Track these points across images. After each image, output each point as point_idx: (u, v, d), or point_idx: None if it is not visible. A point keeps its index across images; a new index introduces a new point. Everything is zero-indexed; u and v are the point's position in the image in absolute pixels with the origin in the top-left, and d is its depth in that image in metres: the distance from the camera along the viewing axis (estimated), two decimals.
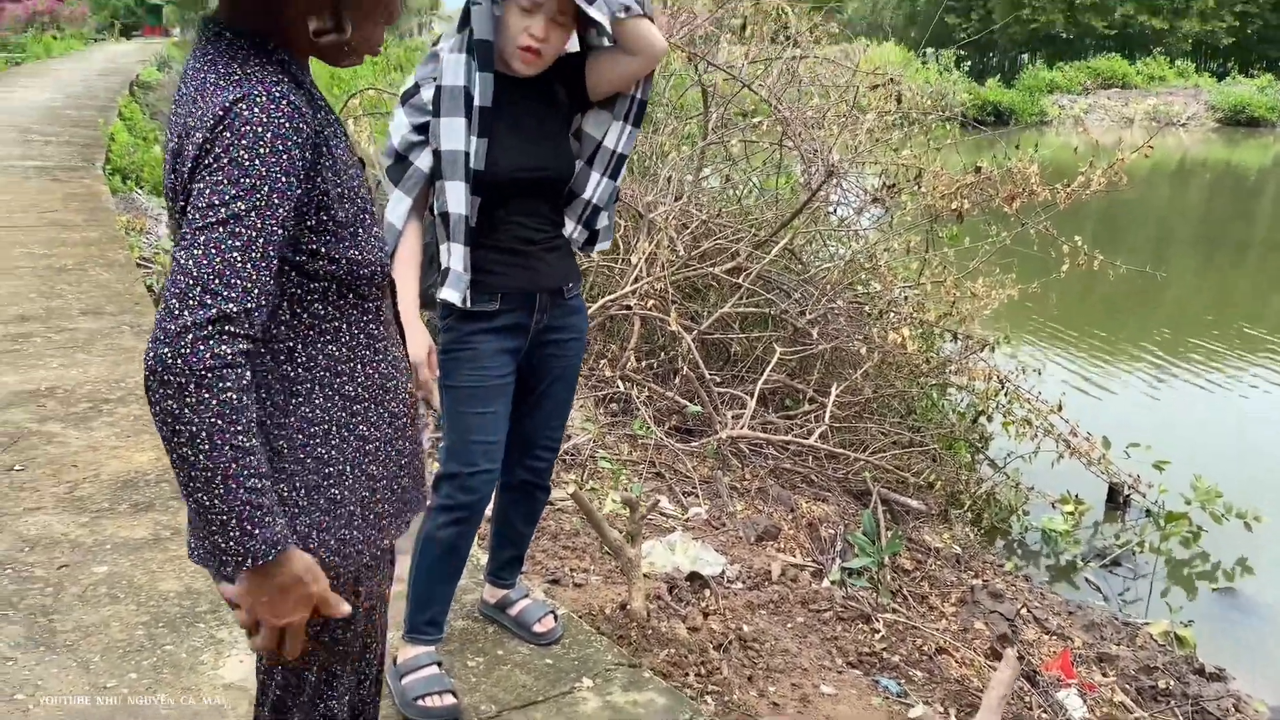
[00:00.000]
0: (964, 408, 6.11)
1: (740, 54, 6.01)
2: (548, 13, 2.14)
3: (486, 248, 2.26)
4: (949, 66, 32.94)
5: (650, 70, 2.29)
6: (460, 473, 2.32)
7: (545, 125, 2.30)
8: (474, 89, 2.16)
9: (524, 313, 2.33)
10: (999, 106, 35.13)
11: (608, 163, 2.35)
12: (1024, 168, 5.36)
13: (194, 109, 1.29)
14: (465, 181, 2.18)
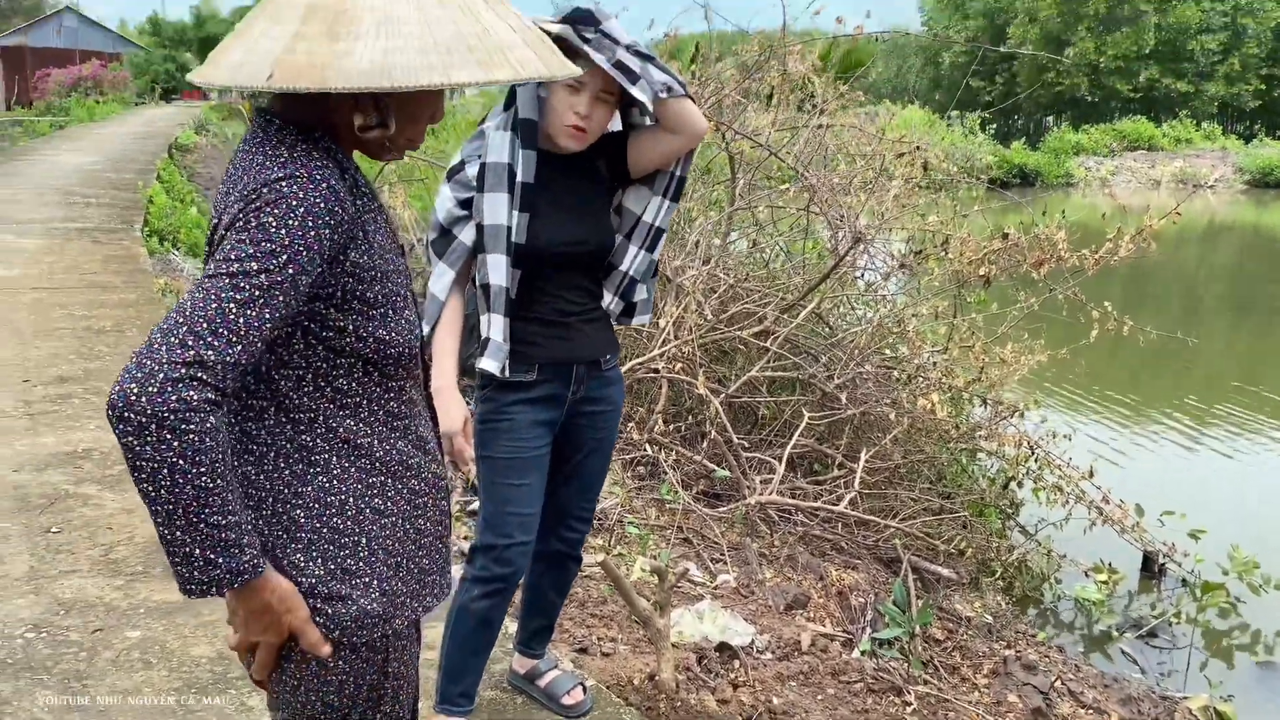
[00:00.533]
0: (994, 473, 6.06)
1: (767, 122, 6.11)
2: (593, 91, 2.20)
3: (526, 319, 2.30)
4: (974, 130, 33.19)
5: (691, 148, 2.33)
6: (496, 545, 2.33)
7: (586, 200, 2.35)
8: (517, 165, 2.22)
9: (561, 384, 2.36)
10: (1025, 169, 35.26)
11: (645, 236, 2.39)
12: (1051, 233, 5.37)
13: (238, 186, 1.35)
14: (507, 255, 2.23)
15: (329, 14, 1.30)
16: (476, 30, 1.32)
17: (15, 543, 3.42)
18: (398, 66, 1.27)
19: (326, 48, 1.28)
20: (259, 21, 1.33)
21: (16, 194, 12.43)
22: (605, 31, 2.15)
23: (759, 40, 6.52)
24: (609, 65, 2.13)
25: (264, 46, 1.30)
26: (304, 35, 1.29)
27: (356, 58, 1.27)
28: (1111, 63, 49.20)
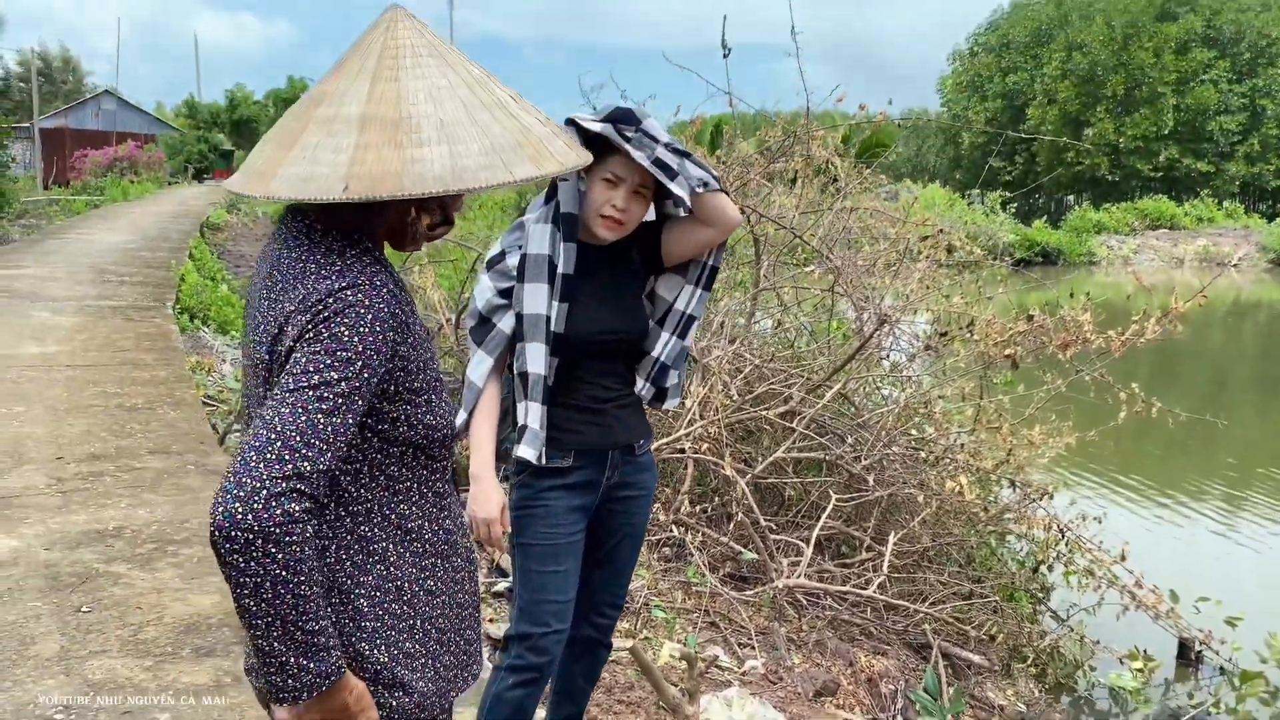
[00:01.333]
0: (1024, 556, 5.98)
1: (791, 204, 6.20)
2: (630, 186, 2.26)
3: (562, 405, 2.34)
4: (995, 208, 33.44)
5: (723, 239, 2.39)
6: (532, 634, 2.32)
7: (621, 289, 2.40)
8: (558, 258, 2.28)
9: (596, 469, 2.38)
10: (1047, 247, 35.42)
11: (678, 323, 2.44)
12: (1077, 315, 5.38)
13: (293, 295, 1.40)
14: (545, 343, 2.27)
15: (387, 124, 1.36)
16: (520, 129, 1.41)
17: (46, 622, 3.43)
18: (467, 169, 1.35)
19: (395, 155, 1.34)
20: (310, 134, 1.38)
21: (53, 272, 12.70)
22: (645, 130, 2.22)
23: (782, 125, 6.65)
24: (649, 162, 2.20)
25: (326, 158, 1.35)
26: (368, 145, 1.35)
27: (428, 163, 1.34)
28: (1131, 143, 49.69)
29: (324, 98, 1.40)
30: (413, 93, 1.37)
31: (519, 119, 1.43)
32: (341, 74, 1.41)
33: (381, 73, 1.39)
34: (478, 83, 1.43)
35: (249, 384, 1.50)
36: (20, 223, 21.78)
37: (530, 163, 1.38)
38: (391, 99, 1.37)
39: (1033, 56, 54.22)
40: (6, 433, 5.62)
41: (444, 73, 1.41)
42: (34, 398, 6.42)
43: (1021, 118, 53.13)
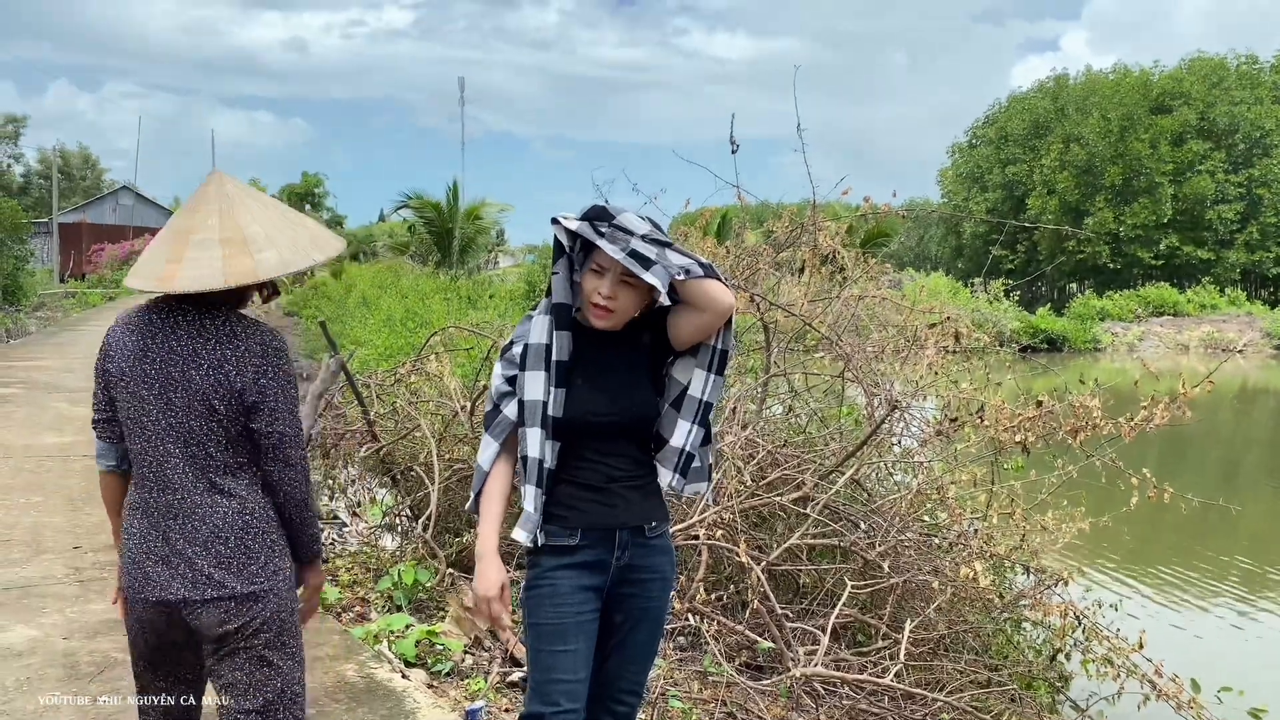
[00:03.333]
0: (1040, 644, 5.92)
1: (799, 292, 6.31)
2: (615, 275, 2.36)
3: (569, 483, 2.40)
4: (998, 296, 33.70)
5: (720, 323, 2.44)
6: (543, 713, 2.34)
7: (625, 373, 2.47)
8: (554, 345, 2.38)
9: (604, 549, 2.41)
10: (1051, 335, 35.59)
11: (695, 411, 2.49)
12: (1085, 401, 5.43)
13: (225, 353, 2.18)
14: (542, 429, 2.37)
15: (237, 242, 2.17)
16: (309, 234, 2.29)
17: (65, 714, 3.43)
18: (288, 262, 2.20)
19: (249, 259, 2.17)
20: (190, 251, 2.16)
21: (69, 363, 12.86)
22: (619, 225, 2.33)
23: (789, 216, 6.82)
24: (622, 255, 2.29)
25: (206, 263, 2.14)
26: (231, 255, 2.16)
27: (267, 261, 2.18)
28: (1131, 231, 50.26)
29: (191, 229, 2.18)
30: (245, 222, 2.20)
31: (306, 227, 2.31)
32: (194, 214, 2.21)
33: (223, 210, 2.21)
34: (277, 207, 2.30)
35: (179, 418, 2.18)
36: (37, 315, 22.10)
37: (319, 252, 2.26)
38: (234, 227, 2.19)
39: (1031, 148, 55.21)
40: (26, 522, 5.66)
41: (259, 206, 2.26)
42: (52, 487, 6.47)
43: (1022, 208, 53.88)
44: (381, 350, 12.42)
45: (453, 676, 4.40)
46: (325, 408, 6.37)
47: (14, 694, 3.59)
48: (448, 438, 6.05)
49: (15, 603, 4.47)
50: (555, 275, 2.41)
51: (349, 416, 6.65)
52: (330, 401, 6.49)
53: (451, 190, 32.09)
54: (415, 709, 3.68)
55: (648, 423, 2.49)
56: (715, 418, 5.81)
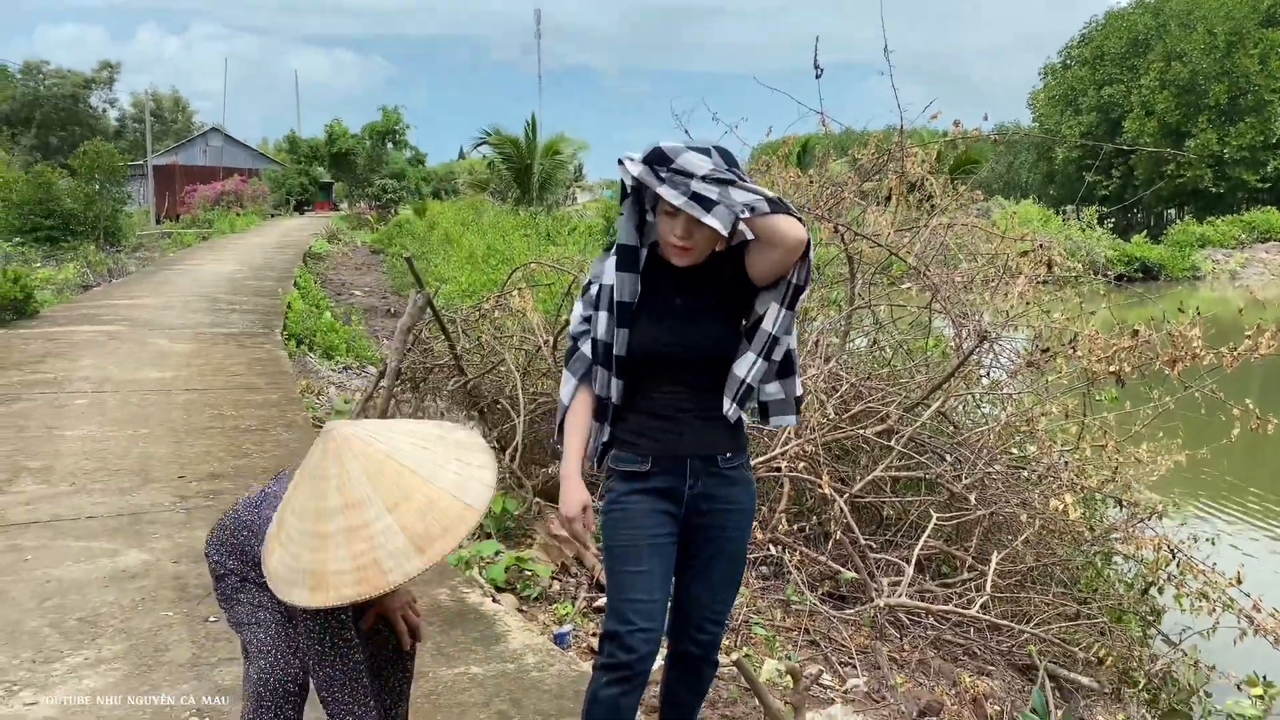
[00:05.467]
0: (1132, 578, 5.82)
1: (885, 222, 6.18)
2: (685, 216, 2.33)
3: (641, 413, 2.46)
4: (1091, 223, 32.55)
5: (794, 259, 2.38)
6: (619, 632, 2.39)
7: (695, 309, 2.46)
8: (618, 287, 2.43)
9: (675, 477, 2.45)
10: (1147, 263, 34.30)
11: (763, 344, 2.45)
12: (1185, 331, 5.24)
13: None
14: (608, 368, 2.45)
15: (281, 519, 2.13)
16: (313, 556, 1.99)
17: (178, 630, 3.62)
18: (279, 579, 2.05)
19: (271, 541, 2.14)
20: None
21: (169, 301, 13.32)
22: (678, 168, 2.29)
23: (875, 144, 6.65)
24: (682, 200, 2.27)
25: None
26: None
27: (271, 561, 2.08)
28: (1236, 153, 47.89)
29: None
30: (287, 501, 2.12)
31: (325, 554, 1.99)
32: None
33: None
34: (329, 511, 1.99)
35: None
36: (136, 255, 22.88)
37: (309, 592, 1.99)
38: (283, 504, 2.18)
39: (1129, 68, 52.71)
40: (135, 452, 5.93)
41: (306, 493, 2.06)
42: (156, 420, 6.75)
43: (1118, 131, 51.67)
44: (465, 286, 12.58)
45: (541, 601, 4.51)
46: (413, 342, 6.50)
47: (130, 613, 3.80)
48: (532, 372, 6.12)
49: (128, 528, 4.70)
50: (621, 216, 2.44)
51: (436, 351, 6.77)
52: (418, 336, 6.61)
53: (529, 126, 32.04)
54: (506, 631, 3.79)
55: (717, 358, 2.47)
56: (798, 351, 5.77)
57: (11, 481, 5.37)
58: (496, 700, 3.25)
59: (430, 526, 1.93)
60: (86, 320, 11.43)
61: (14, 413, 6.88)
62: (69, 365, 8.63)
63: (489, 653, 3.59)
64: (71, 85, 61.03)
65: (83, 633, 3.62)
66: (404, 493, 1.95)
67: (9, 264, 15.22)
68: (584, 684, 2.86)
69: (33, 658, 3.43)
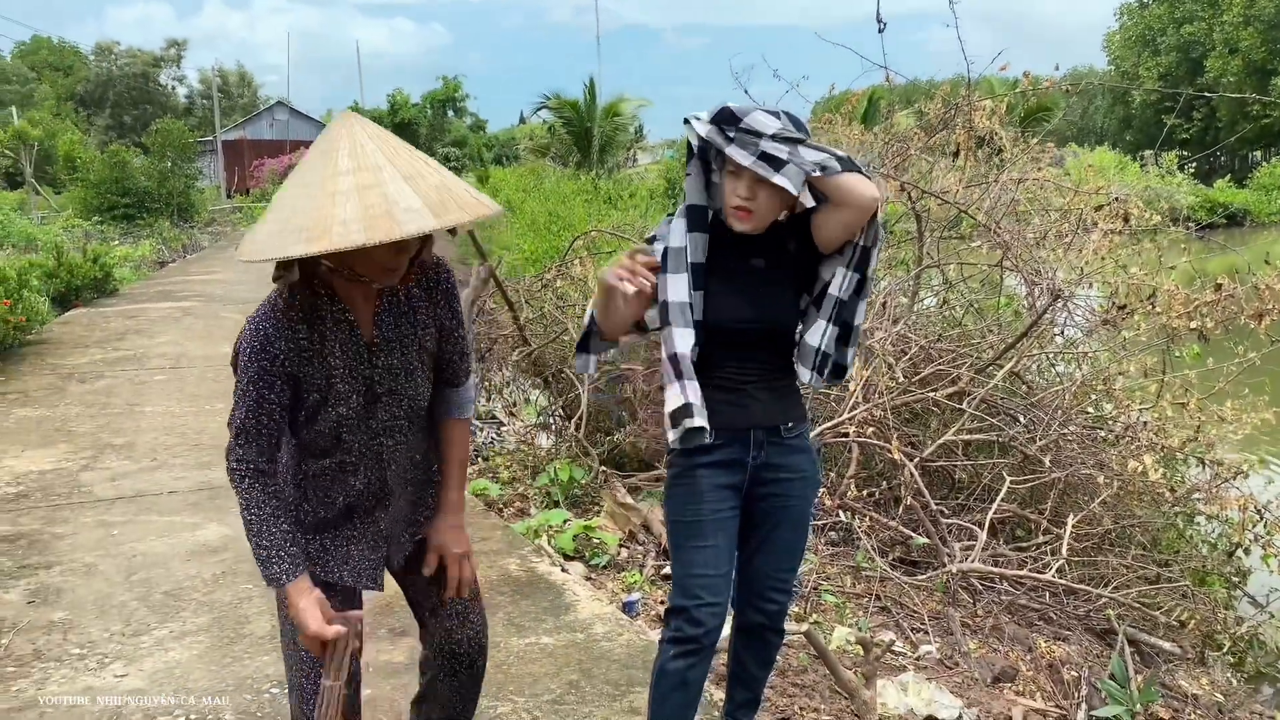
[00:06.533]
0: (1215, 539, 5.66)
1: (954, 179, 6.02)
2: (750, 176, 2.27)
3: (704, 385, 2.37)
4: (1171, 169, 31.40)
5: (864, 219, 2.33)
6: (686, 606, 2.39)
7: (765, 278, 2.41)
8: (690, 248, 2.34)
9: (740, 448, 2.41)
10: (1232, 208, 33.04)
11: (831, 309, 2.41)
12: (1271, 283, 5.03)
13: None
14: (690, 328, 2.33)
15: (272, 204, 1.88)
16: (318, 213, 1.76)
17: (258, 603, 3.72)
18: (256, 245, 1.81)
19: (253, 230, 1.90)
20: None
21: (242, 275, 13.61)
22: (746, 128, 2.23)
23: (941, 96, 6.47)
24: (751, 160, 2.21)
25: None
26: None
27: (254, 239, 1.84)
28: None
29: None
30: (288, 185, 1.89)
31: (333, 204, 1.77)
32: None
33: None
34: (340, 172, 1.80)
35: None
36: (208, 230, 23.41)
37: (305, 243, 1.74)
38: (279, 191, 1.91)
39: (1210, 4, 50.53)
40: (212, 427, 6.08)
41: (315, 163, 1.84)
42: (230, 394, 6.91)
43: (1199, 71, 49.68)
44: (528, 254, 12.63)
45: (609, 569, 4.54)
46: (478, 314, 6.54)
47: (213, 586, 3.91)
48: None
49: (208, 503, 4.83)
50: (689, 176, 2.37)
51: (500, 321, 6.81)
52: (482, 308, 6.65)
53: (589, 88, 31.86)
54: (575, 600, 3.82)
55: (786, 330, 2.44)
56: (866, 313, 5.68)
57: (98, 458, 5.55)
58: (566, 670, 3.28)
59: (446, 201, 1.83)
60: (163, 296, 11.74)
61: (98, 390, 7.11)
62: (148, 342, 8.87)
63: (558, 622, 3.63)
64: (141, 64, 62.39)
65: (168, 606, 3.74)
66: (418, 171, 1.86)
67: (89, 243, 15.69)
68: (652, 653, 2.88)
69: (122, 630, 3.55)
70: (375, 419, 2.11)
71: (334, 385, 2.04)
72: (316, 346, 2.01)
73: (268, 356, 1.97)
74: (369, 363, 2.08)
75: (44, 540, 4.39)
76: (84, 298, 11.48)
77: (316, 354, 2.01)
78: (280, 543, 1.99)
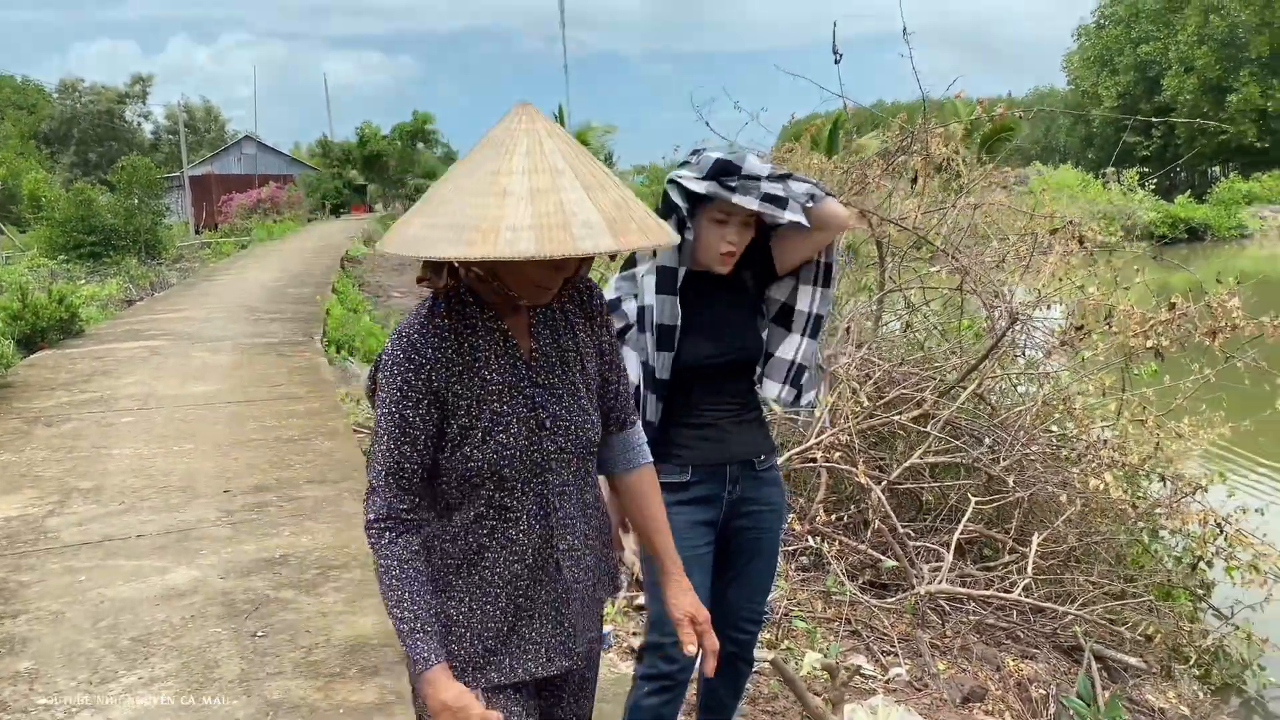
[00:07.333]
0: (1180, 553, 5.74)
1: (913, 205, 6.13)
2: (738, 221, 2.35)
3: (678, 424, 2.43)
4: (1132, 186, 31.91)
5: (834, 239, 2.47)
6: (663, 643, 2.42)
7: (730, 316, 2.48)
8: (659, 309, 2.40)
9: (716, 484, 2.45)
10: (1192, 223, 33.62)
11: (806, 323, 2.51)
12: (1223, 301, 5.15)
13: None
14: (652, 390, 2.40)
15: (427, 196, 1.65)
16: (482, 212, 1.53)
17: (227, 646, 3.71)
18: (408, 239, 1.58)
19: (404, 221, 1.63)
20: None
21: (210, 313, 13.54)
22: (747, 174, 2.31)
23: (899, 124, 6.59)
24: (760, 204, 2.28)
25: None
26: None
27: (399, 231, 1.61)
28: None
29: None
30: (451, 176, 1.63)
31: (499, 203, 1.53)
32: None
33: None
34: (514, 170, 1.56)
35: None
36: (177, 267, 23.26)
37: (462, 244, 1.50)
38: (436, 183, 1.67)
39: (1165, 24, 51.62)
40: (180, 468, 6.05)
41: (485, 156, 1.60)
42: (201, 435, 6.88)
43: (1156, 89, 50.66)
44: None
45: None
46: None
47: (181, 630, 3.89)
48: None
49: (176, 545, 4.80)
50: None
51: None
52: None
53: (557, 117, 32.05)
54: None
55: (754, 358, 2.51)
56: (829, 340, 5.76)
57: (64, 503, 5.51)
58: None
59: (625, 220, 1.59)
60: (130, 336, 11.66)
61: (64, 434, 7.05)
62: (115, 383, 8.81)
63: None
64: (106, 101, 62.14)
65: (136, 652, 3.72)
66: (598, 181, 1.61)
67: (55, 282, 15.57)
68: (624, 685, 2.90)
69: (89, 679, 3.53)
70: (540, 450, 1.77)
71: (490, 406, 1.73)
72: (468, 359, 1.72)
73: (412, 366, 1.69)
74: (529, 380, 1.78)
75: (9, 588, 4.35)
76: (50, 339, 11.39)
77: (468, 368, 1.72)
78: (427, 613, 1.68)
